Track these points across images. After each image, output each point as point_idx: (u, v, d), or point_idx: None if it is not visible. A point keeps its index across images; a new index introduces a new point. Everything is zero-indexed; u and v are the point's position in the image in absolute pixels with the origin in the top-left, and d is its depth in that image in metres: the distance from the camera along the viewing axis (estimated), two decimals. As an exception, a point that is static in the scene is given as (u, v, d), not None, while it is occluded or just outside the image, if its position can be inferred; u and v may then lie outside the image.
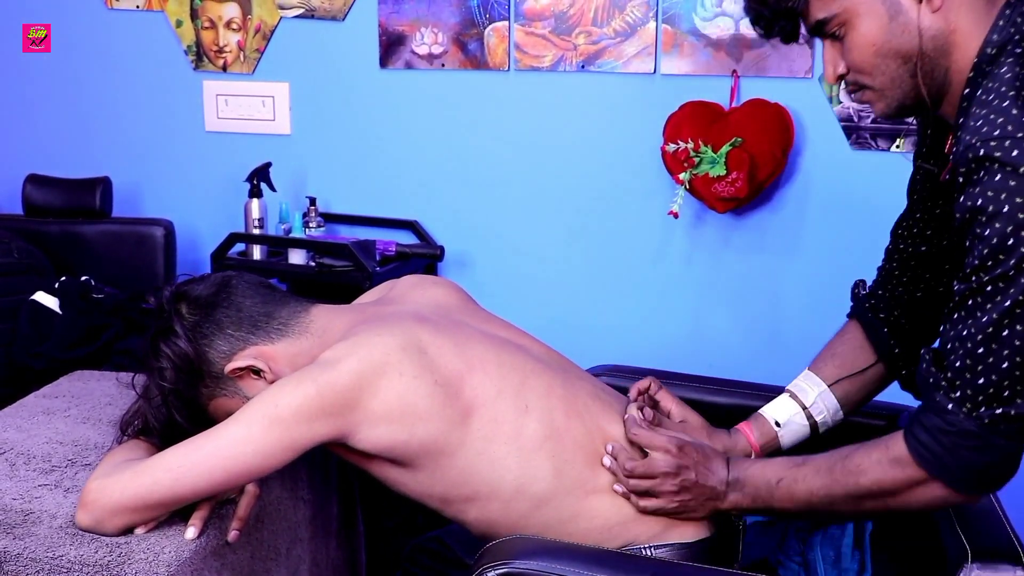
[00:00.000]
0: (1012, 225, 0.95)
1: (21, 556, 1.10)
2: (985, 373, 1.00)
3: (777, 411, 1.41)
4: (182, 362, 1.24)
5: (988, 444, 1.01)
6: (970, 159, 0.98)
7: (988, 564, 0.98)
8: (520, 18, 2.58)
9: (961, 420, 1.02)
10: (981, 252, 0.98)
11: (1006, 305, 0.97)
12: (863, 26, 1.08)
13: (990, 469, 1.04)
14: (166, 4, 2.90)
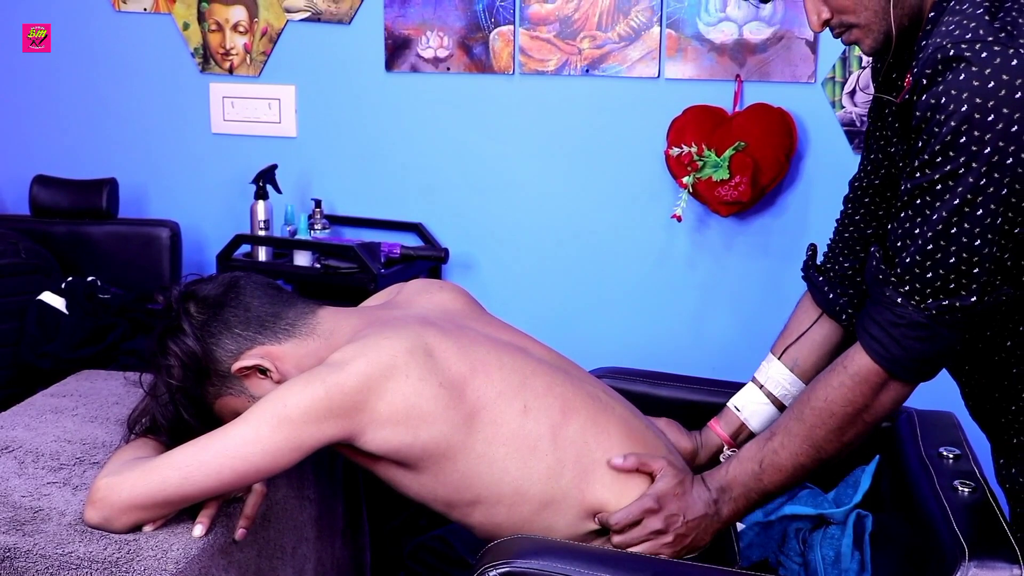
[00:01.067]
0: (967, 124, 0.98)
1: (31, 553, 1.11)
2: (934, 268, 1.05)
3: (738, 398, 1.48)
4: (190, 360, 1.25)
5: (935, 334, 1.07)
6: (938, 59, 1.00)
7: (985, 562, 0.99)
8: (525, 22, 2.60)
9: (910, 312, 1.07)
10: (933, 148, 1.02)
11: (955, 203, 1.01)
12: None
13: (934, 359, 1.11)
14: (173, 6, 2.92)
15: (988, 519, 1.08)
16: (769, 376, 1.46)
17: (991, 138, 0.98)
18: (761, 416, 1.45)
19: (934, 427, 1.39)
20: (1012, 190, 1.00)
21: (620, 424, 1.31)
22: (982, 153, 0.98)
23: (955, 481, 1.17)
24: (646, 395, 1.57)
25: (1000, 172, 0.99)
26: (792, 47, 2.42)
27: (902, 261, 1.08)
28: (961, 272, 1.04)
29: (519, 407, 1.24)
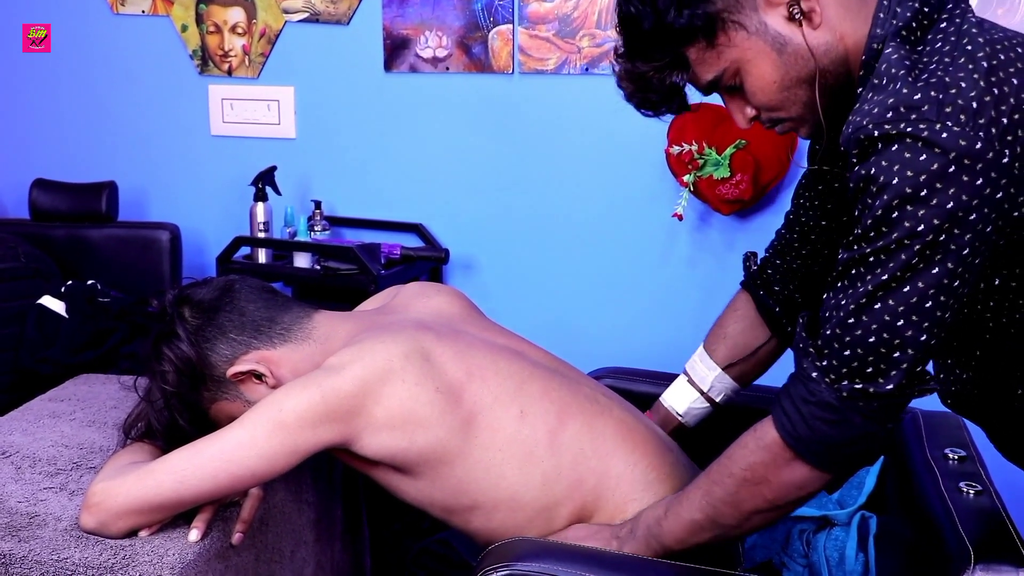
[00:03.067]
0: (899, 199, 0.91)
1: (26, 559, 1.11)
2: (851, 346, 0.97)
3: (676, 400, 1.47)
4: (184, 365, 1.24)
5: (845, 419, 0.99)
6: (862, 139, 0.94)
7: (991, 566, 0.98)
8: (524, 21, 2.59)
9: (822, 390, 0.99)
10: (866, 222, 0.94)
11: (882, 279, 0.94)
12: (757, 69, 1.04)
13: (845, 447, 1.02)
14: (171, 9, 2.91)
15: (994, 521, 1.07)
16: (713, 386, 1.45)
17: (925, 215, 0.91)
18: (698, 416, 1.47)
19: (939, 428, 1.37)
20: (948, 272, 0.92)
21: (617, 426, 1.30)
22: (915, 230, 0.91)
23: (960, 483, 1.15)
24: (648, 395, 1.56)
25: (934, 251, 0.92)
26: (793, 44, 2.40)
27: (823, 333, 1.00)
28: (880, 355, 0.95)
29: (515, 412, 1.23)
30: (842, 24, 1.02)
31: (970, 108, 0.89)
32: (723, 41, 1.04)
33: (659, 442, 1.35)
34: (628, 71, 1.12)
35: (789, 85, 1.04)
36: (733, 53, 1.04)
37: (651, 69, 1.09)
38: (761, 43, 1.03)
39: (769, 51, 1.03)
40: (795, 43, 1.02)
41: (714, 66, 1.06)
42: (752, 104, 1.08)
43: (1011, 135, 0.90)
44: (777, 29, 1.02)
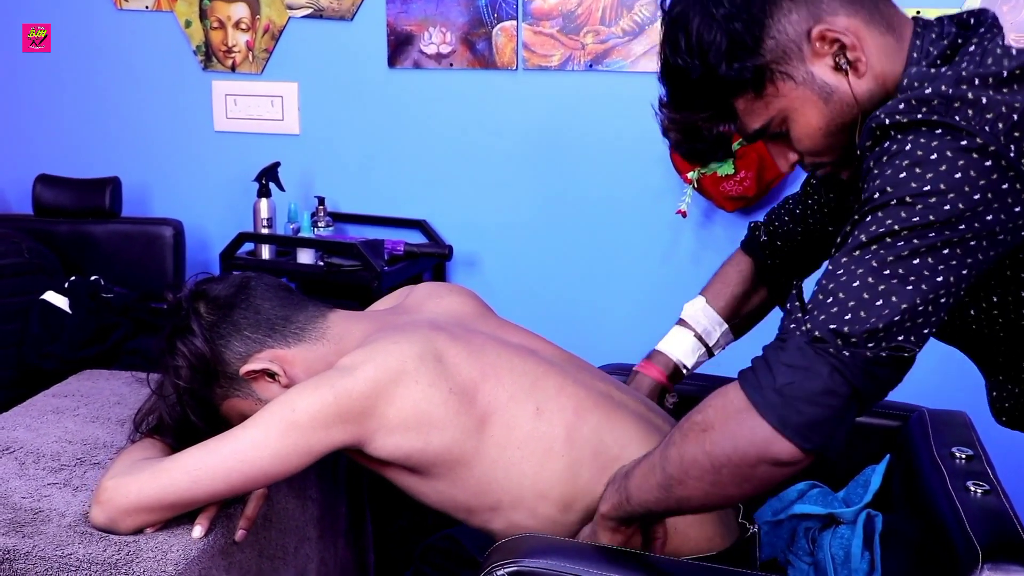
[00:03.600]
0: (905, 172, 0.91)
1: (30, 554, 1.10)
2: (835, 292, 0.93)
3: (685, 354, 1.50)
4: (198, 361, 1.24)
5: (810, 367, 0.92)
6: (874, 128, 0.95)
7: (1000, 566, 0.97)
8: (528, 17, 2.58)
9: (795, 336, 0.94)
10: (873, 195, 0.94)
11: (882, 248, 0.92)
12: (803, 118, 1.05)
13: (803, 401, 0.92)
14: (175, 4, 2.91)
15: (1001, 521, 1.07)
16: (718, 341, 1.51)
17: (929, 190, 0.91)
18: (699, 363, 1.52)
19: (946, 427, 1.37)
20: (951, 247, 0.91)
21: (635, 420, 1.30)
22: (920, 204, 0.91)
23: (968, 481, 1.15)
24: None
25: (939, 227, 0.91)
26: (798, 41, 2.40)
27: (813, 292, 0.97)
28: (861, 302, 0.92)
29: (532, 409, 1.23)
30: (883, 67, 1.03)
31: (979, 104, 0.90)
32: (771, 91, 1.05)
33: None
34: (676, 121, 1.13)
35: (834, 131, 1.05)
36: (781, 103, 1.05)
37: (697, 119, 1.10)
38: (808, 92, 1.04)
39: (816, 100, 1.04)
40: (841, 91, 1.03)
41: (762, 115, 1.07)
42: (796, 150, 1.09)
43: (1019, 132, 0.90)
44: (824, 79, 1.03)
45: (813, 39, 1.02)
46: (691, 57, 1.04)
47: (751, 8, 1.02)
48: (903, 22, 1.05)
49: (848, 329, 0.92)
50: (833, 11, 1.02)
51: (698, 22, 1.03)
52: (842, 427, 0.94)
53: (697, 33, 1.03)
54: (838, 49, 1.02)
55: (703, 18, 1.03)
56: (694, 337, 1.51)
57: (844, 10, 1.02)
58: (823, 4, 1.02)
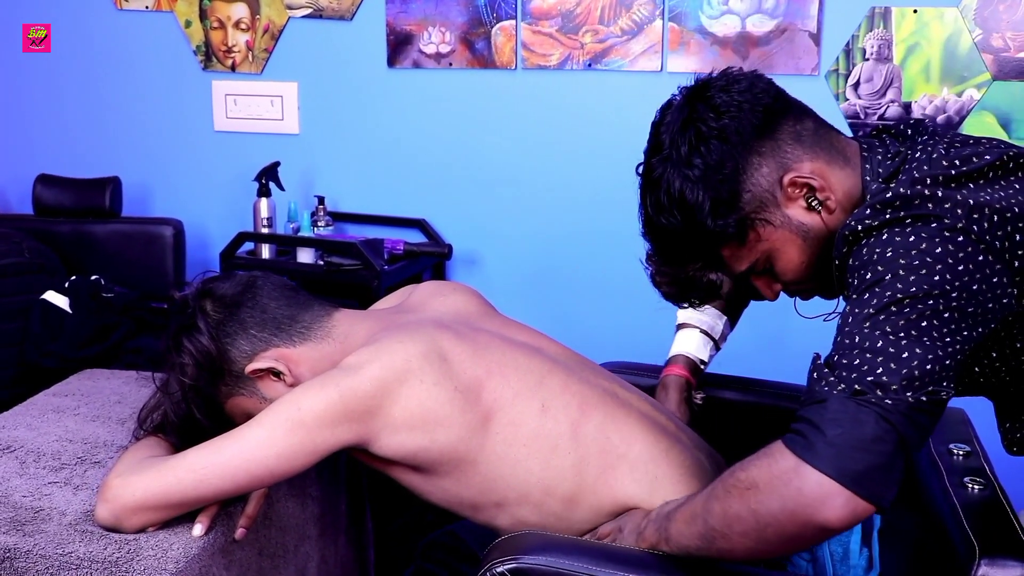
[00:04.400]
0: (885, 268, 0.98)
1: (31, 553, 1.11)
2: (861, 353, 0.97)
3: (699, 350, 1.57)
4: (204, 359, 1.24)
5: (856, 418, 0.94)
6: (847, 235, 1.03)
7: (997, 560, 0.97)
8: (527, 17, 2.59)
9: (834, 395, 0.96)
10: (862, 286, 1.00)
11: (887, 324, 0.97)
12: (786, 255, 1.14)
13: (862, 451, 0.93)
14: (175, 4, 2.91)
15: (999, 516, 1.07)
16: (722, 334, 1.58)
17: (914, 276, 0.97)
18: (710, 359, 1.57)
19: (944, 423, 1.36)
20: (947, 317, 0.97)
21: (640, 418, 1.30)
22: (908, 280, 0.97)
23: (965, 478, 1.15)
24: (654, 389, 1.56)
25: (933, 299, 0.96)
26: (795, 39, 2.40)
27: (831, 359, 1.00)
28: (889, 355, 0.95)
29: (537, 407, 1.23)
30: (846, 195, 1.12)
31: (936, 198, 1.00)
32: (753, 237, 1.13)
33: (680, 432, 1.35)
34: (667, 274, 1.24)
35: (814, 263, 1.14)
36: (764, 245, 1.14)
37: (688, 271, 1.21)
38: (787, 233, 1.13)
39: (795, 238, 1.13)
40: (816, 228, 1.12)
41: (747, 259, 1.15)
42: (781, 281, 1.18)
43: (977, 214, 0.99)
44: (800, 219, 1.12)
45: (785, 186, 1.11)
46: (676, 216, 1.12)
47: (724, 168, 1.10)
48: (852, 149, 1.15)
49: (887, 379, 0.95)
50: (798, 158, 1.11)
51: (679, 184, 1.11)
52: (893, 476, 0.95)
53: (680, 195, 1.11)
54: (808, 192, 1.10)
55: (683, 181, 1.11)
56: (700, 333, 1.56)
57: (807, 155, 1.11)
58: (788, 153, 1.11)
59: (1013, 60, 2.30)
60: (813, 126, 1.14)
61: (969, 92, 2.34)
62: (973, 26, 2.30)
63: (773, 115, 1.12)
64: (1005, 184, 1.04)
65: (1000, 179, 1.04)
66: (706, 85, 1.15)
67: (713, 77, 1.16)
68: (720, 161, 1.10)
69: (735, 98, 1.12)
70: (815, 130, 1.14)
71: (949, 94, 2.35)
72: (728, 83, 1.14)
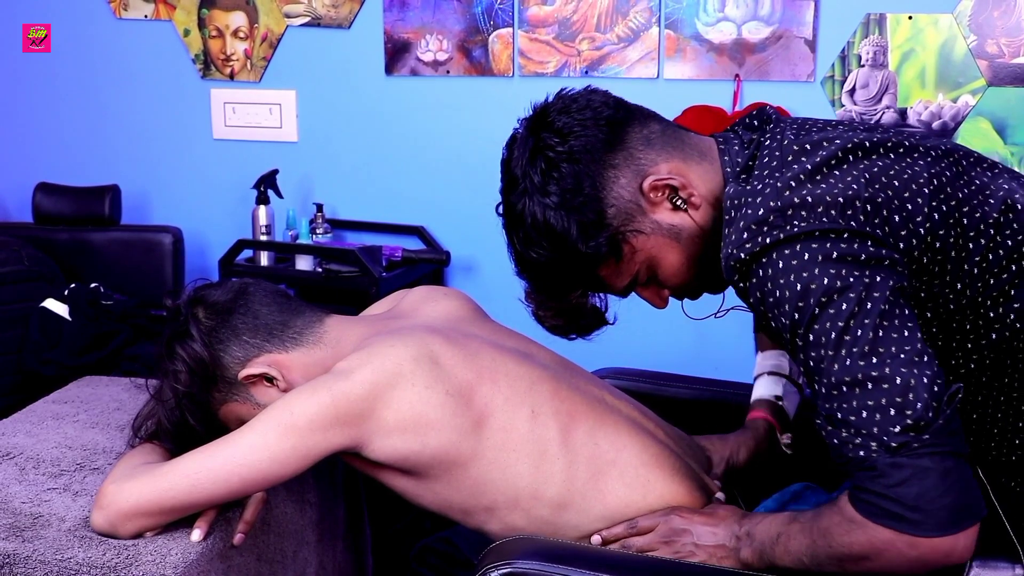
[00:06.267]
0: (793, 293, 0.98)
1: (30, 559, 1.11)
2: (865, 405, 0.96)
3: (769, 389, 1.49)
4: (197, 365, 1.25)
5: (915, 468, 0.94)
6: (734, 265, 1.02)
7: (988, 562, 0.98)
8: (524, 25, 2.60)
9: (875, 459, 0.95)
10: (788, 323, 1.00)
11: (838, 351, 0.96)
12: (664, 260, 1.14)
13: (942, 495, 0.94)
14: (174, 13, 2.93)
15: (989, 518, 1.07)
16: (792, 368, 1.50)
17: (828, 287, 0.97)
18: (794, 401, 1.49)
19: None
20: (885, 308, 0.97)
21: (628, 424, 1.31)
22: (830, 299, 0.97)
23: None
24: (650, 395, 1.57)
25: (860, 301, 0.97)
26: (791, 46, 2.41)
27: (841, 421, 0.98)
28: (889, 393, 0.95)
29: (527, 412, 1.24)
30: (709, 190, 1.12)
31: (806, 203, 0.99)
32: (628, 251, 1.13)
33: (669, 438, 1.36)
34: (551, 308, 1.24)
35: (694, 262, 1.14)
36: (640, 256, 1.14)
37: (572, 300, 1.20)
38: (660, 238, 1.13)
39: (670, 242, 1.13)
40: (687, 227, 1.12)
41: (627, 273, 1.15)
42: (668, 287, 1.18)
43: (850, 210, 0.99)
44: (669, 221, 1.12)
45: (647, 192, 1.11)
46: (546, 247, 1.12)
47: (582, 189, 1.10)
48: (708, 145, 1.15)
49: (911, 421, 0.94)
50: (652, 162, 1.11)
51: (541, 214, 1.10)
52: (973, 488, 0.97)
53: (545, 225, 1.10)
54: (671, 192, 1.11)
55: (544, 209, 1.10)
56: (767, 375, 1.51)
57: (661, 157, 1.11)
58: (641, 159, 1.11)
59: (1008, 66, 2.31)
60: (660, 128, 1.14)
61: (964, 98, 2.35)
62: (968, 32, 2.32)
63: (618, 125, 1.12)
64: (864, 168, 1.03)
65: (857, 163, 1.04)
66: (544, 112, 1.15)
67: (550, 102, 1.16)
68: (576, 183, 1.09)
69: (575, 117, 1.12)
70: (663, 132, 1.13)
71: (944, 100, 2.36)
72: (566, 104, 1.14)
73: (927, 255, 1.02)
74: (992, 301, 1.04)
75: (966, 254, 1.03)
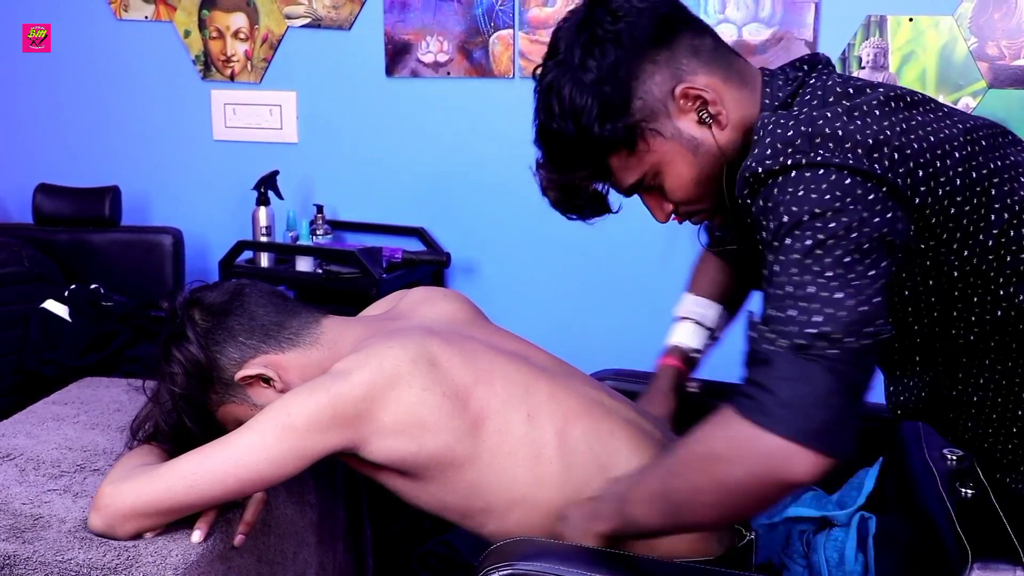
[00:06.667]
0: (791, 216, 0.97)
1: (30, 560, 1.11)
2: (793, 303, 0.96)
3: (691, 340, 1.56)
4: (193, 367, 1.25)
5: (807, 374, 0.94)
6: (748, 178, 1.02)
7: (989, 564, 0.98)
8: (524, 26, 2.60)
9: (778, 352, 0.95)
10: (772, 241, 1.00)
11: (804, 275, 0.96)
12: (675, 170, 1.13)
13: (818, 408, 0.93)
14: (175, 14, 2.93)
15: (991, 520, 1.08)
16: (718, 323, 1.56)
17: (821, 219, 0.97)
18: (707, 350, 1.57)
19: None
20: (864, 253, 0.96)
21: (626, 426, 1.31)
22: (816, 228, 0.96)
23: (958, 482, 1.16)
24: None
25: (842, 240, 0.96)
26: (791, 48, 2.41)
27: (768, 315, 0.99)
28: (823, 300, 0.95)
29: (523, 415, 1.24)
30: (741, 117, 1.11)
31: (836, 136, 0.99)
32: (643, 147, 1.12)
33: (666, 440, 1.36)
34: (554, 181, 1.21)
35: (704, 181, 1.13)
36: (653, 157, 1.12)
37: (575, 179, 1.18)
38: (677, 146, 1.12)
39: (685, 152, 1.12)
40: (707, 144, 1.11)
41: (636, 170, 1.14)
42: (670, 200, 1.17)
43: (877, 153, 0.98)
44: (691, 133, 1.11)
45: (677, 97, 1.10)
46: (565, 121, 1.11)
47: (617, 73, 1.09)
48: (754, 74, 1.15)
49: (828, 328, 0.94)
50: (693, 71, 1.10)
51: (569, 88, 1.10)
52: (851, 424, 0.96)
53: (570, 98, 1.10)
54: (700, 105, 1.10)
55: (574, 84, 1.10)
56: (692, 323, 1.56)
57: (703, 69, 1.10)
58: (683, 65, 1.10)
59: (1008, 68, 2.31)
60: (712, 44, 1.13)
61: (965, 100, 2.35)
62: (968, 34, 2.32)
63: (671, 25, 1.11)
64: (904, 118, 1.03)
65: (897, 111, 1.04)
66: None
67: None
68: (613, 65, 1.09)
69: (634, 4, 1.11)
70: (714, 47, 1.13)
71: (945, 102, 2.36)
72: None
73: (939, 216, 1.02)
74: (1004, 279, 1.04)
75: (985, 224, 1.03)
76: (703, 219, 1.21)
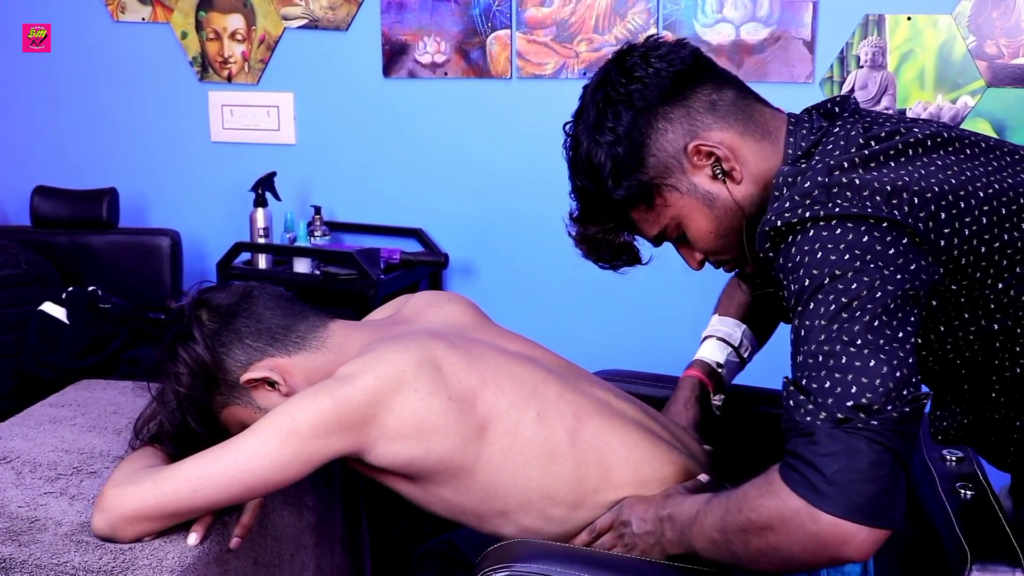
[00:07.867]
0: (815, 271, 0.98)
1: (26, 563, 1.11)
2: (830, 375, 0.96)
3: (713, 354, 1.53)
4: (199, 368, 1.25)
5: (851, 448, 0.93)
6: (768, 231, 1.03)
7: (988, 566, 0.98)
8: (522, 26, 2.60)
9: (818, 426, 0.94)
10: (799, 294, 1.00)
11: (831, 311, 0.96)
12: (694, 223, 1.17)
13: (864, 483, 0.93)
14: (171, 16, 2.92)
15: (990, 521, 1.08)
16: (742, 341, 1.54)
17: (842, 274, 0.97)
18: (733, 372, 1.54)
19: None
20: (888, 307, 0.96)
21: (634, 427, 1.31)
22: (837, 280, 0.97)
23: (957, 484, 1.16)
24: (648, 397, 1.56)
25: (870, 293, 0.96)
26: (790, 47, 2.41)
27: (802, 384, 0.98)
28: (857, 370, 0.94)
29: (532, 416, 1.24)
30: (762, 170, 1.13)
31: (854, 185, 1.00)
32: (660, 203, 1.16)
33: (674, 440, 1.36)
34: (581, 234, 1.28)
35: (724, 233, 1.17)
36: (671, 211, 1.17)
37: (600, 231, 1.24)
38: (694, 200, 1.15)
39: (702, 206, 1.16)
40: (722, 198, 1.14)
41: (656, 224, 1.19)
42: (697, 249, 1.21)
43: (896, 199, 0.99)
44: (705, 188, 1.14)
45: (690, 153, 1.13)
46: (586, 179, 1.19)
47: (631, 133, 1.14)
48: (778, 125, 1.15)
49: (866, 401, 0.94)
50: (707, 127, 1.13)
51: (586, 147, 1.17)
52: (899, 494, 0.95)
53: (586, 157, 1.17)
54: (714, 161, 1.13)
55: (591, 144, 1.17)
56: (715, 339, 1.55)
57: (718, 124, 1.13)
58: (697, 121, 1.13)
59: (1007, 67, 2.31)
60: (734, 96, 1.15)
61: (963, 99, 2.35)
62: (967, 33, 2.32)
63: (688, 80, 1.14)
64: (921, 164, 1.04)
65: (916, 158, 1.05)
66: (629, 51, 1.18)
67: (639, 43, 1.19)
68: (626, 126, 1.13)
69: (651, 65, 1.14)
70: (734, 101, 1.14)
71: (944, 101, 2.36)
72: (648, 49, 1.17)
73: (968, 256, 1.02)
74: None
75: (1021, 257, 1.03)
76: (733, 267, 1.24)
